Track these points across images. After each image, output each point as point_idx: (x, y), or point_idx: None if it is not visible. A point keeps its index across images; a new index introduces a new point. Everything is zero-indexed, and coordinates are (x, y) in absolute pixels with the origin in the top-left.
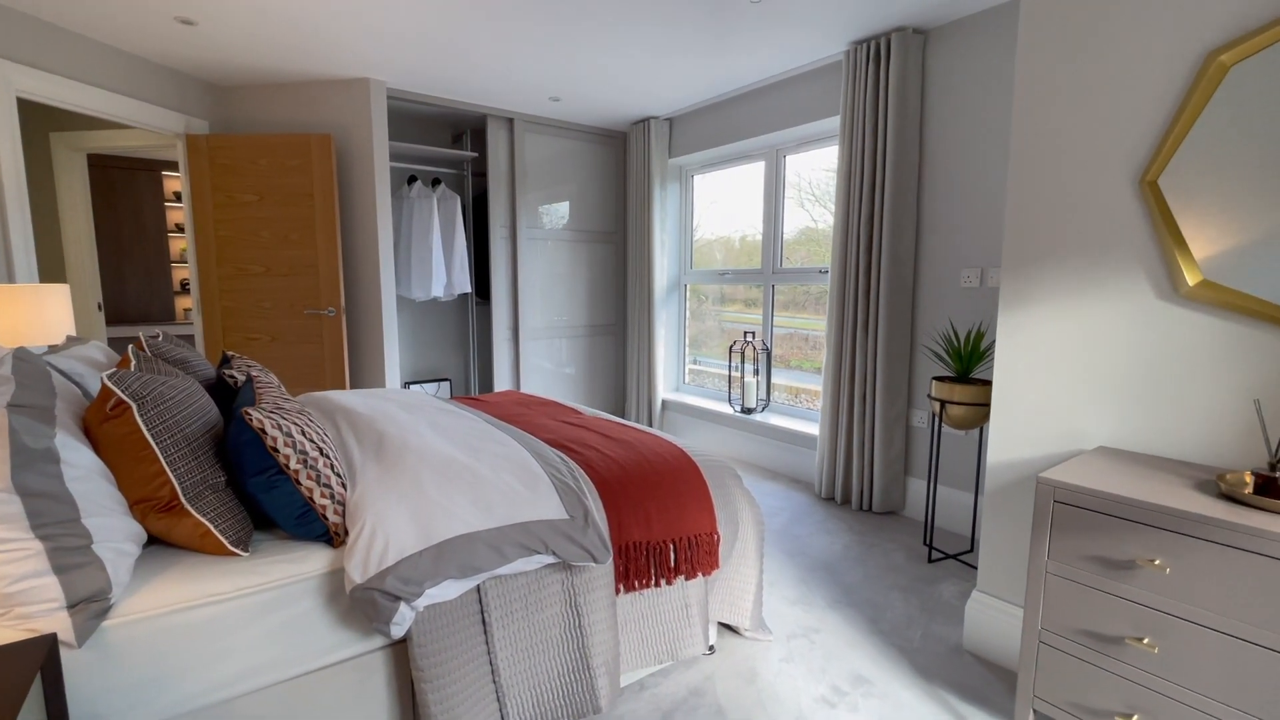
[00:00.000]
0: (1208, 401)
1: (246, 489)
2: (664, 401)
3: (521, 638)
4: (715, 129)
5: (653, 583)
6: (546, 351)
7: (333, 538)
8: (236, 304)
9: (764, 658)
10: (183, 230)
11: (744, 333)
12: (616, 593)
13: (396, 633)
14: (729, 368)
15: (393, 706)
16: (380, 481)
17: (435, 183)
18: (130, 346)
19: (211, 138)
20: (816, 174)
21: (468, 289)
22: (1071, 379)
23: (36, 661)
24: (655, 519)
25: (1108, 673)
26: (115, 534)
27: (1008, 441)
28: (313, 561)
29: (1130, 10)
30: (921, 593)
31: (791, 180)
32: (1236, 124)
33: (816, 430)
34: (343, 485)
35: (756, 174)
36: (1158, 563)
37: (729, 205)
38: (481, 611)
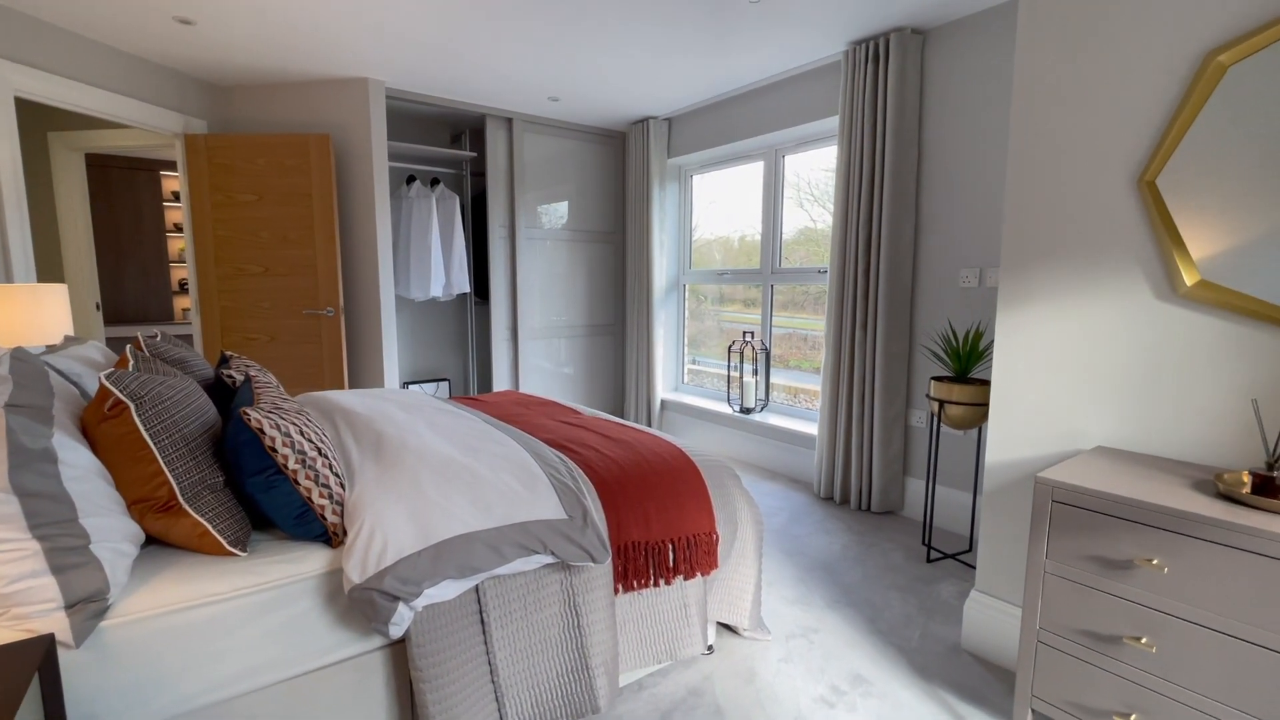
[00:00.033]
0: (1205, 401)
1: (245, 489)
2: (663, 401)
3: (520, 638)
4: (714, 129)
5: (651, 583)
6: (545, 351)
7: (331, 538)
8: (235, 304)
9: (763, 658)
10: (181, 230)
11: (743, 332)
12: (615, 593)
13: (395, 633)
14: (728, 367)
15: (391, 707)
16: (379, 481)
17: (434, 183)
18: (128, 346)
19: (210, 137)
20: (815, 174)
21: (466, 289)
22: (1070, 379)
23: (34, 662)
24: (654, 519)
25: (1106, 672)
26: (113, 534)
27: (1006, 441)
28: (311, 561)
29: (1129, 10)
30: (920, 592)
31: (790, 180)
32: (1235, 124)
33: (815, 430)
34: (341, 485)
35: (755, 174)
36: (1156, 562)
37: (728, 205)
38: (480, 611)
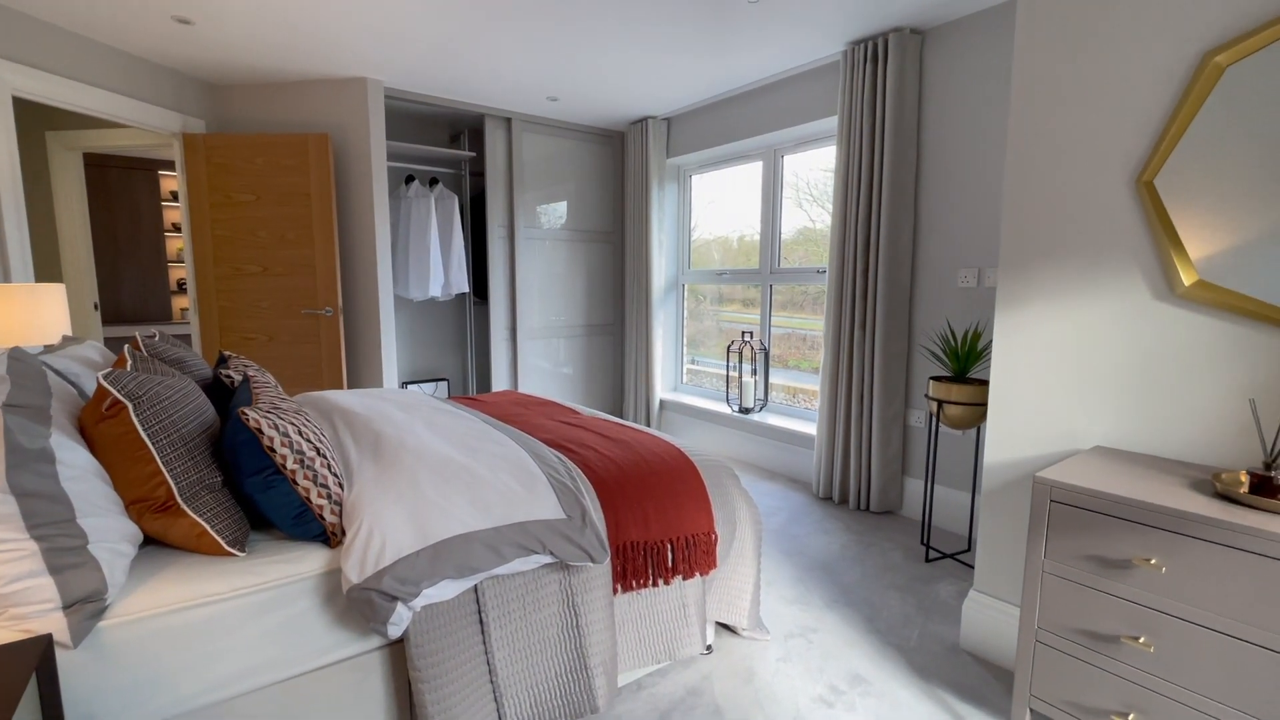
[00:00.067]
0: (1203, 401)
1: (243, 489)
2: (662, 401)
3: (519, 638)
4: (713, 129)
5: (650, 582)
6: (544, 351)
7: (330, 538)
8: (233, 304)
9: (761, 657)
10: (179, 230)
11: (742, 332)
12: (614, 592)
13: (394, 633)
14: (727, 367)
15: (390, 707)
16: (377, 481)
17: (433, 182)
18: (126, 346)
19: (208, 137)
20: (814, 174)
21: (465, 289)
22: (1068, 379)
23: (32, 662)
24: (653, 519)
25: (1104, 672)
26: (111, 534)
27: (1005, 441)
28: (309, 562)
29: (1127, 11)
30: (919, 592)
31: (789, 180)
32: (1232, 125)
33: (814, 430)
34: (340, 485)
35: (754, 174)
36: (1154, 562)
37: (727, 205)
38: (479, 611)
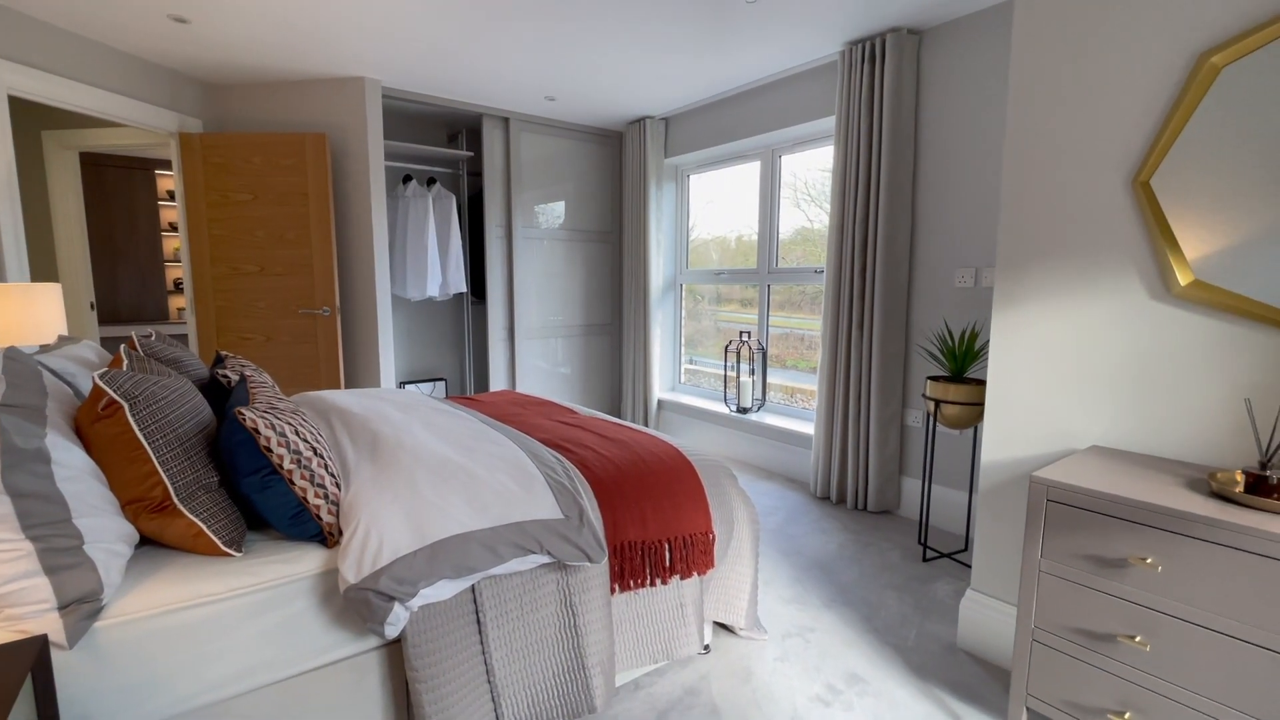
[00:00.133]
0: (1199, 401)
1: (240, 489)
2: (660, 401)
3: (516, 638)
4: (711, 129)
5: (648, 582)
6: (542, 351)
7: (327, 538)
8: (230, 303)
9: (759, 657)
10: (176, 229)
11: (740, 332)
12: (612, 592)
13: (391, 633)
14: (725, 367)
15: (387, 707)
16: (374, 481)
17: (430, 182)
18: (123, 346)
19: (205, 136)
20: (812, 174)
21: (463, 288)
22: (1065, 378)
23: (27, 663)
24: (650, 518)
25: (1101, 670)
26: (107, 534)
27: (1001, 441)
28: (307, 562)
29: (1124, 12)
30: (916, 591)
31: (787, 180)
32: (1228, 125)
33: (812, 430)
34: (337, 485)
35: (752, 174)
36: (1150, 561)
37: (725, 205)
38: (476, 611)
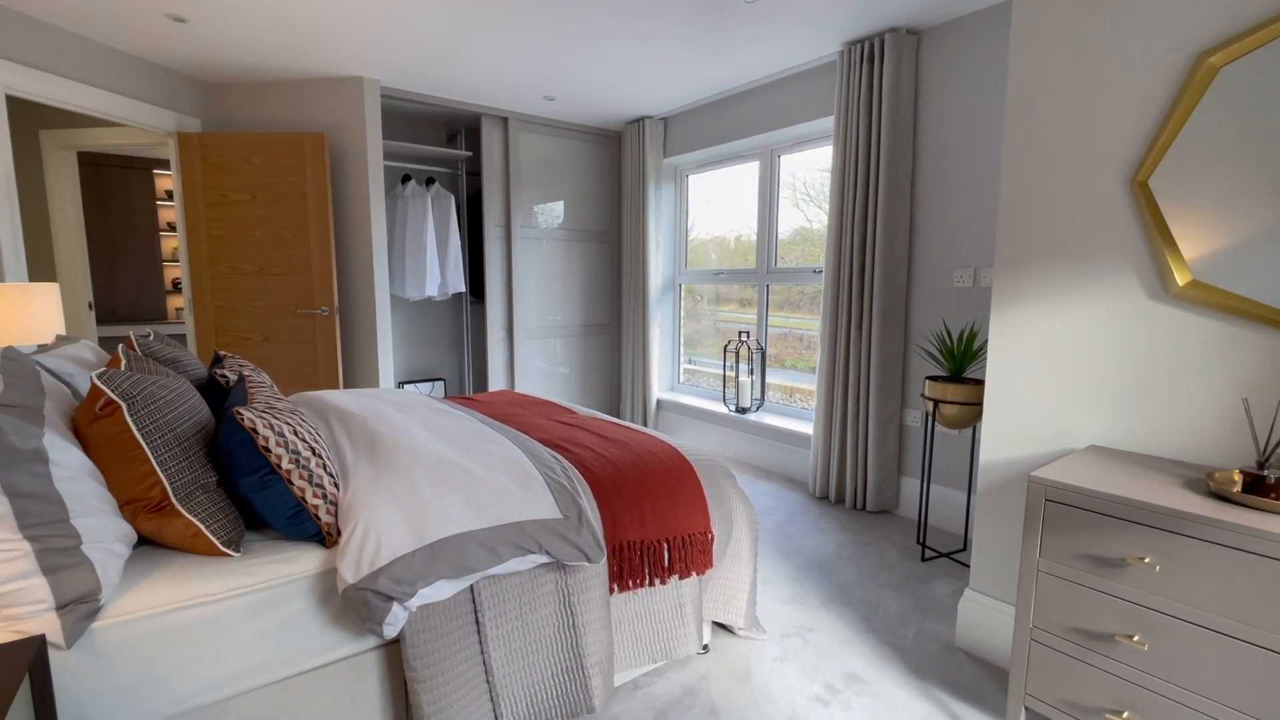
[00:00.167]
0: (1197, 400)
1: (238, 489)
2: (659, 401)
3: (515, 637)
4: (710, 129)
5: (647, 582)
6: (541, 351)
7: (325, 538)
8: (229, 303)
9: (758, 656)
10: (175, 229)
11: (739, 332)
12: (610, 592)
13: (389, 633)
14: (724, 367)
15: (386, 707)
16: (373, 481)
17: (429, 182)
18: (120, 346)
19: (204, 136)
20: (811, 174)
21: (462, 288)
22: (1063, 378)
23: (25, 663)
24: (649, 518)
25: (1099, 670)
26: (105, 534)
27: (1000, 440)
28: (305, 562)
29: (1122, 12)
30: (915, 591)
31: (786, 180)
32: (1226, 125)
33: (811, 429)
34: (335, 485)
35: (751, 174)
36: (1148, 561)
37: (724, 205)
38: (475, 611)
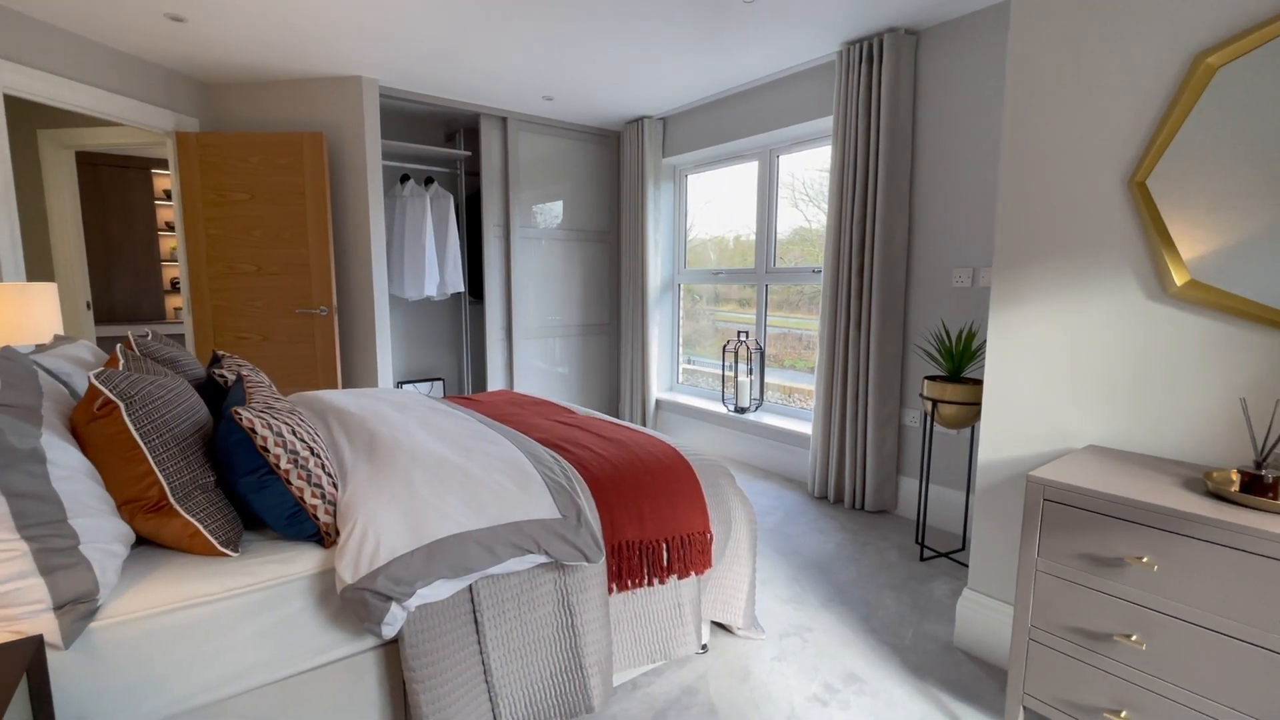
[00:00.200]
0: (1195, 400)
1: (236, 489)
2: (658, 401)
3: (514, 637)
4: (709, 129)
5: (645, 582)
6: (540, 351)
7: (323, 538)
8: (227, 303)
9: (756, 656)
10: (173, 228)
11: (738, 332)
12: (609, 592)
13: (388, 633)
14: (723, 367)
15: (384, 707)
16: (371, 481)
17: (428, 181)
18: (119, 345)
19: (202, 135)
20: (810, 174)
21: (461, 288)
22: (1061, 378)
23: (22, 663)
24: (648, 518)
25: (1097, 669)
26: (103, 534)
27: (998, 440)
28: (303, 562)
29: (1120, 13)
30: (913, 591)
31: (785, 180)
32: (1224, 126)
33: (809, 429)
34: (334, 485)
35: (750, 174)
36: (1146, 560)
37: (723, 205)
38: (474, 611)
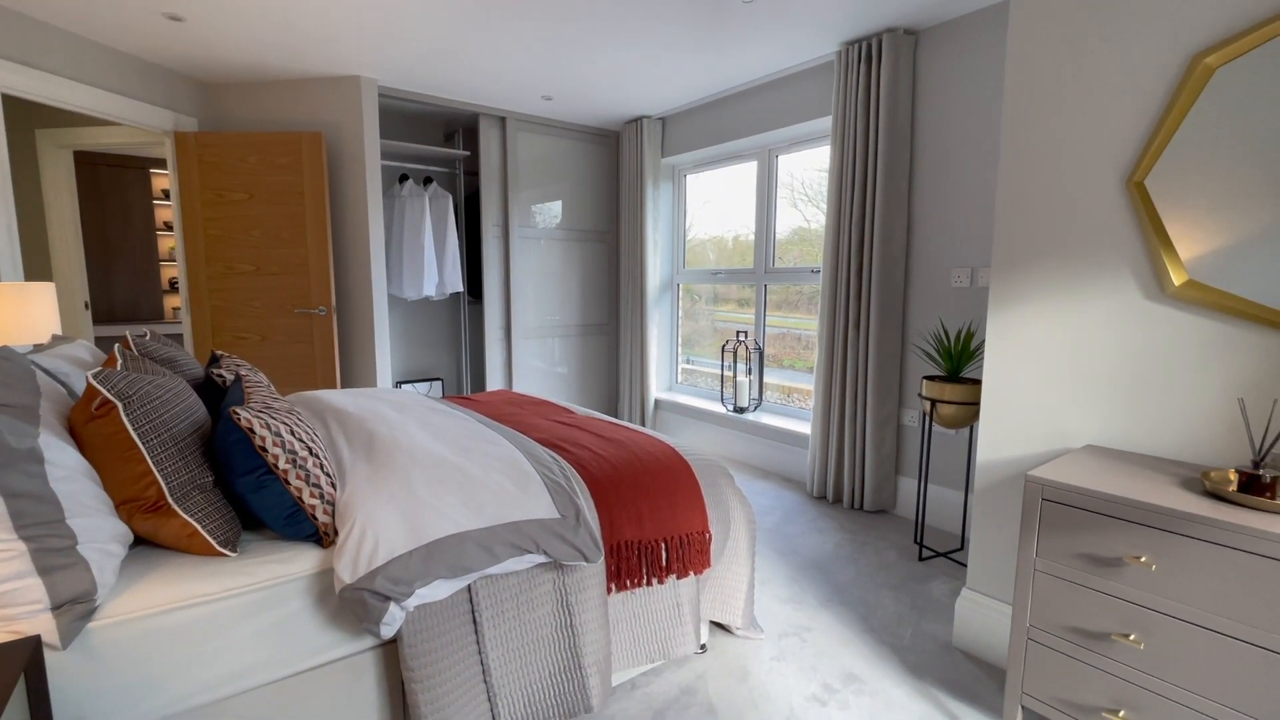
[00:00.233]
0: (1193, 400)
1: (235, 489)
2: (657, 401)
3: (513, 637)
4: (708, 129)
5: (644, 581)
6: (539, 351)
7: (322, 538)
8: (226, 303)
9: (755, 656)
10: (171, 228)
11: (736, 332)
12: (608, 592)
13: (386, 633)
14: (721, 367)
15: (383, 707)
16: (370, 481)
17: (427, 181)
18: (117, 345)
19: (200, 135)
20: (809, 174)
21: (460, 288)
22: (1060, 378)
23: (20, 664)
24: (647, 518)
25: (1095, 669)
26: (101, 535)
27: (997, 440)
28: (302, 562)
29: (1118, 13)
30: (912, 591)
31: (784, 180)
32: (1222, 126)
33: (808, 429)
34: (332, 485)
35: (749, 174)
36: (1144, 560)
37: (722, 205)
38: (472, 611)
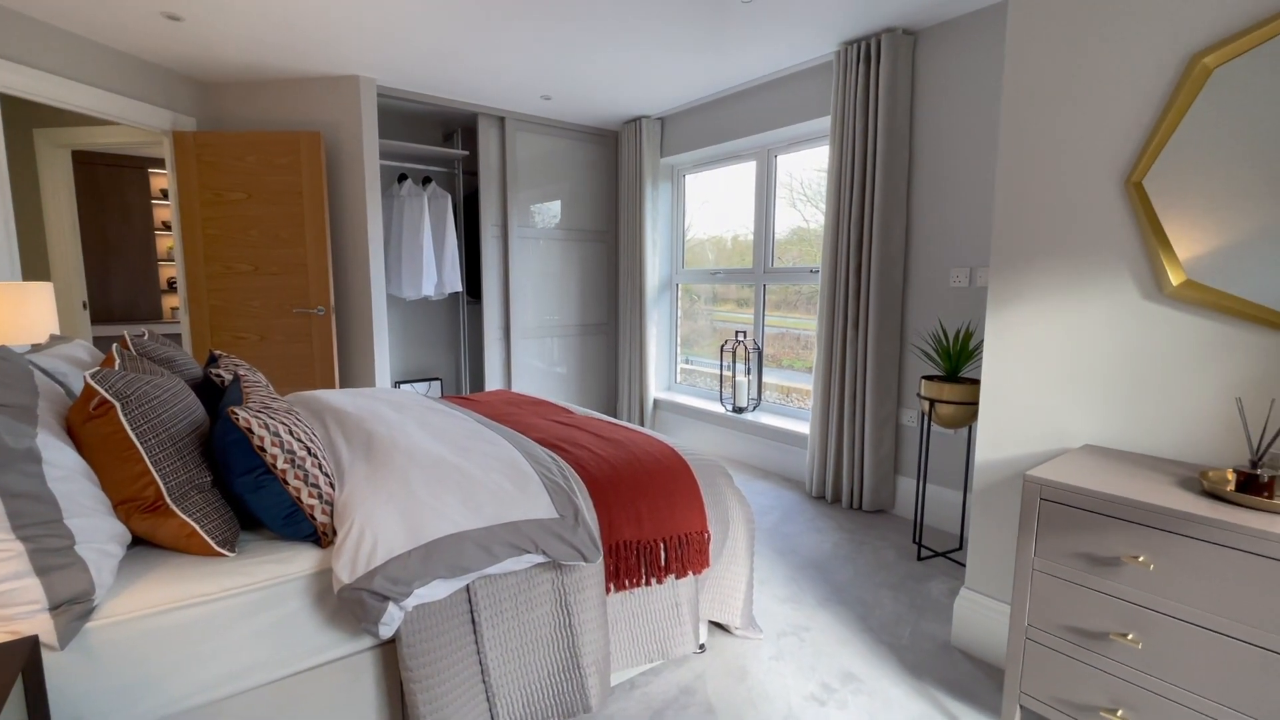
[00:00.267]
0: (1191, 400)
1: (233, 489)
2: (656, 401)
3: (511, 637)
4: (707, 129)
5: (643, 581)
6: (538, 351)
7: (321, 538)
8: (224, 303)
9: (754, 656)
10: (170, 228)
11: (735, 332)
12: (607, 592)
13: (385, 633)
14: (720, 367)
15: (382, 707)
16: (369, 481)
17: (426, 181)
18: (115, 345)
19: (199, 135)
20: (808, 174)
21: (458, 288)
22: (1058, 378)
23: (18, 664)
24: (646, 518)
25: (1093, 668)
26: (99, 535)
27: (995, 440)
28: (300, 562)
29: (1117, 13)
30: (911, 590)
31: (783, 180)
32: (1220, 126)
33: (807, 429)
34: (331, 485)
35: (748, 174)
36: (1142, 559)
37: (721, 205)
38: (471, 611)
